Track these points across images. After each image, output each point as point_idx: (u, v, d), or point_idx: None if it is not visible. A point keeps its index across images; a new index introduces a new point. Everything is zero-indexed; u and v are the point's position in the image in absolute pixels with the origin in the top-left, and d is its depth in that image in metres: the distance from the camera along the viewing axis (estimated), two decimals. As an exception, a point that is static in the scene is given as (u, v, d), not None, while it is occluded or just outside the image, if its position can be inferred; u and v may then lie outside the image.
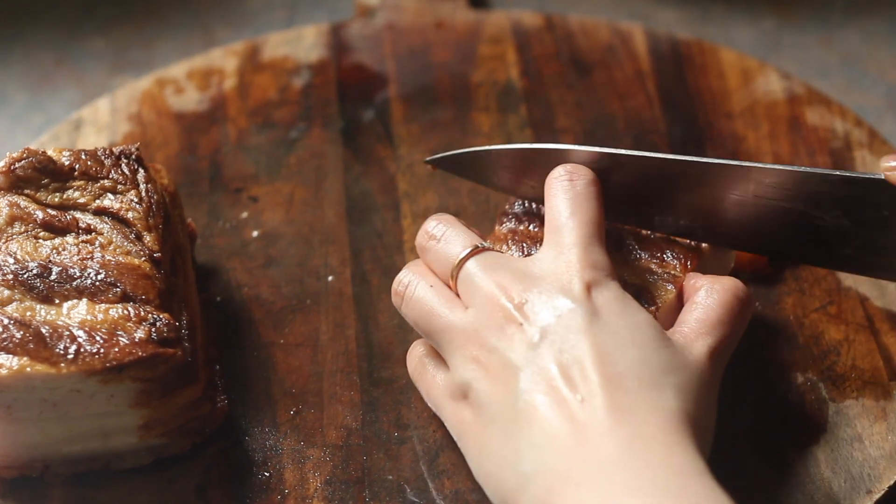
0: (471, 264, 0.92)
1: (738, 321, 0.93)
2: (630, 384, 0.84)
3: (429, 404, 0.95)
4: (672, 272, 0.96)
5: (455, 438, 0.92)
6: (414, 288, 0.94)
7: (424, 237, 0.96)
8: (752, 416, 0.98)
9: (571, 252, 0.90)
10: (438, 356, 0.95)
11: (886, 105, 1.26)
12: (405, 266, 0.97)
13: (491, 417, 0.87)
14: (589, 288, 0.88)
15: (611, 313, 0.88)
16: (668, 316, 0.94)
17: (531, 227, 0.99)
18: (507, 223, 1.01)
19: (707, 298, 0.93)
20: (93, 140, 1.18)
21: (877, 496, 0.93)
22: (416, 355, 0.97)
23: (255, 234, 1.11)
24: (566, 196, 0.94)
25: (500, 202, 1.12)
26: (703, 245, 0.98)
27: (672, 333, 0.90)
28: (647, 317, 0.89)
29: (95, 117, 1.20)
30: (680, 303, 0.95)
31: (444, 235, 0.95)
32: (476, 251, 0.93)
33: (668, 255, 0.97)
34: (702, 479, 0.80)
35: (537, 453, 0.83)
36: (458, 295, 0.93)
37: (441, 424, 0.97)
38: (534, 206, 1.01)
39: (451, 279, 0.93)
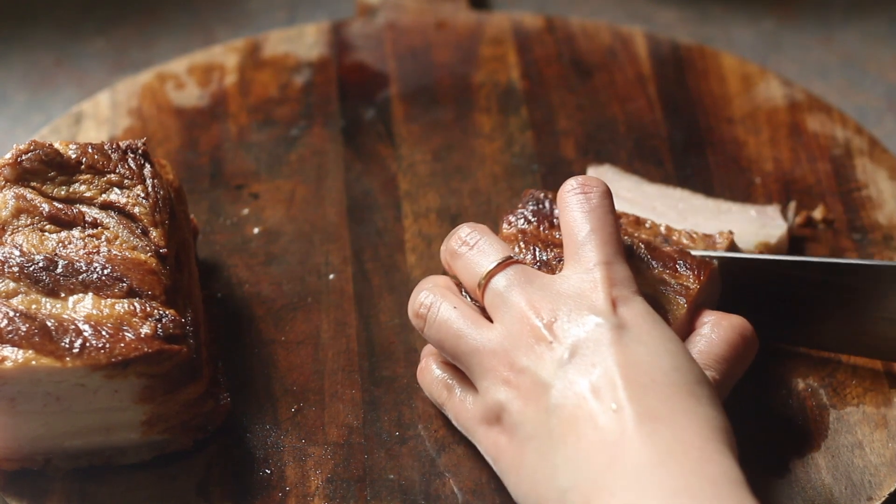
0: (501, 277, 0.92)
1: (740, 360, 0.93)
2: (666, 391, 0.84)
3: (458, 427, 0.95)
4: (685, 283, 0.95)
5: (490, 461, 0.91)
6: (437, 310, 0.93)
7: (457, 242, 0.95)
8: (753, 423, 0.98)
9: (596, 271, 0.90)
10: (461, 377, 0.94)
11: (886, 106, 1.26)
12: (421, 286, 0.96)
13: (526, 437, 0.87)
14: (615, 303, 0.88)
15: (639, 326, 0.87)
16: (677, 334, 0.93)
17: (542, 230, 0.99)
18: (515, 225, 1.00)
19: (712, 333, 0.93)
20: (93, 134, 1.18)
21: (877, 503, 0.93)
22: (435, 377, 0.96)
23: (256, 231, 1.11)
24: (582, 210, 0.93)
25: (502, 203, 1.12)
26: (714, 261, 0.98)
27: None
28: (673, 332, 0.89)
29: (96, 111, 1.20)
30: (689, 325, 0.95)
31: (477, 244, 0.94)
32: (507, 263, 0.92)
33: (681, 266, 0.96)
34: (736, 488, 0.80)
35: (573, 467, 0.83)
36: (482, 306, 0.93)
37: (442, 424, 0.97)
38: (540, 207, 1.00)
39: (479, 289, 0.92)
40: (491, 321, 0.92)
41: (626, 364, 0.85)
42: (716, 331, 0.93)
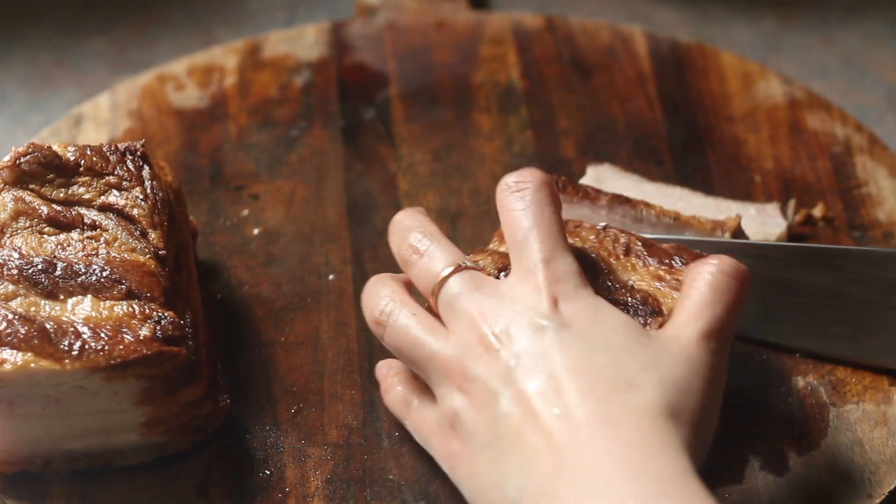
0: (450, 285, 0.91)
1: (731, 298, 0.89)
2: (604, 388, 0.83)
3: (417, 440, 0.95)
4: (680, 278, 0.95)
5: (446, 471, 0.91)
6: (396, 317, 0.92)
7: (408, 250, 0.94)
8: (752, 420, 0.98)
9: (537, 270, 0.89)
10: (421, 391, 0.94)
11: (887, 106, 1.26)
12: (377, 289, 0.95)
13: (479, 446, 0.87)
14: (556, 302, 0.87)
15: (581, 322, 0.87)
16: None
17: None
18: None
19: (694, 281, 0.90)
20: (93, 136, 1.18)
21: (877, 501, 0.93)
22: (396, 396, 0.96)
23: (255, 231, 1.11)
24: (519, 207, 0.92)
25: (502, 203, 1.12)
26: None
27: (664, 327, 0.89)
28: (621, 318, 0.88)
29: (96, 113, 1.20)
30: None
31: (427, 251, 0.93)
32: (456, 270, 0.91)
33: (677, 261, 0.96)
34: (680, 480, 0.80)
35: (522, 476, 0.83)
36: (439, 314, 0.92)
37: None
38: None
39: (432, 296, 0.92)
40: None
41: (567, 367, 0.84)
42: (699, 277, 0.90)
